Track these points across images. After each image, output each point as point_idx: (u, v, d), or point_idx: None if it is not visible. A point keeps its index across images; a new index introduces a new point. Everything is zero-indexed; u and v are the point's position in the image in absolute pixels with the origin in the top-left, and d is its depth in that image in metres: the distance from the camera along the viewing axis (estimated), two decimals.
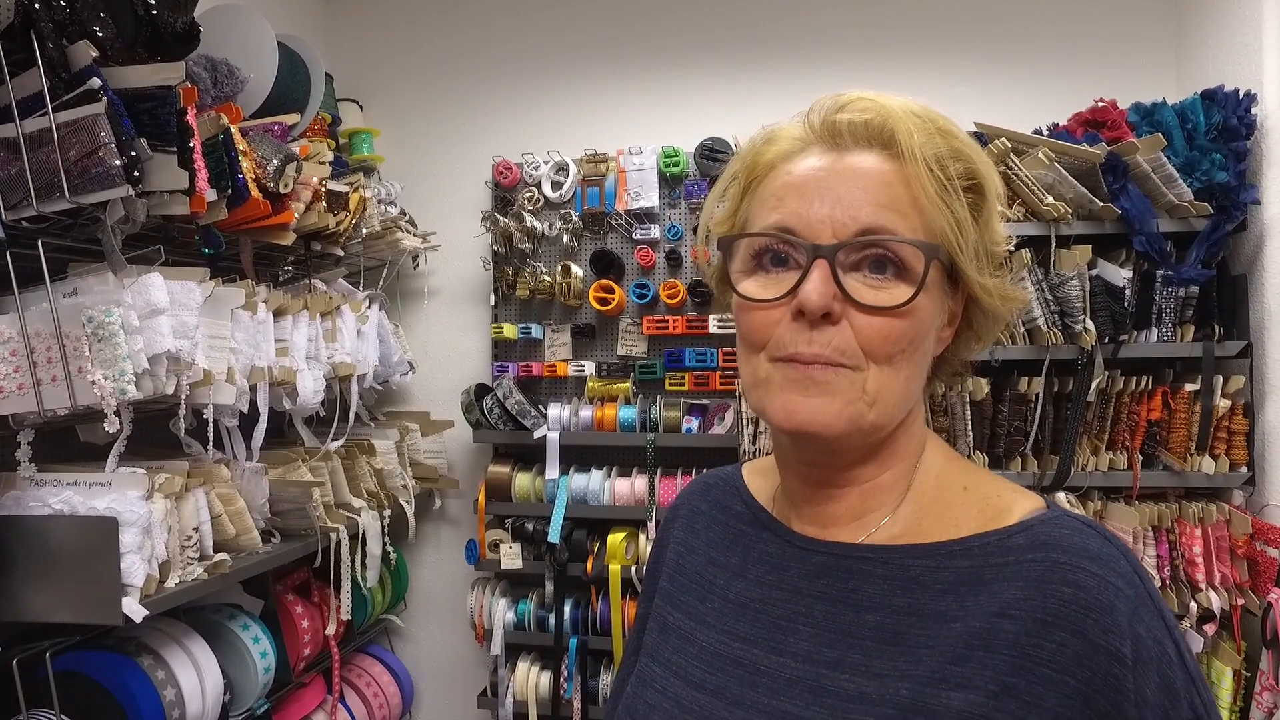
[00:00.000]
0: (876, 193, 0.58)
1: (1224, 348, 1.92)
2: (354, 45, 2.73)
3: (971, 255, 0.61)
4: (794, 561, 0.66)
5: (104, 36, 1.36)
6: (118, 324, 1.34)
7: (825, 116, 0.62)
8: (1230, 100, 1.91)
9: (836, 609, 0.62)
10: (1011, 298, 0.64)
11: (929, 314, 0.60)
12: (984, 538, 0.60)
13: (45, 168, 1.29)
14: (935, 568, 0.60)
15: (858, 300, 0.57)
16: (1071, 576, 0.55)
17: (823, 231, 0.58)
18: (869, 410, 0.59)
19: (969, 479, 0.66)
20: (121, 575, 1.38)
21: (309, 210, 1.91)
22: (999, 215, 0.64)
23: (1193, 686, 0.54)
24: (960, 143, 0.61)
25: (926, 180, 0.58)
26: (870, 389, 0.58)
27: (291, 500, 1.89)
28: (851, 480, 0.65)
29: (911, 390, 0.62)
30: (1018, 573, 0.57)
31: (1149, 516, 1.90)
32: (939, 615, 0.58)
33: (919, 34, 2.43)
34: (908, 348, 0.59)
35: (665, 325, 2.39)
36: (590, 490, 2.34)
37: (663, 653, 0.70)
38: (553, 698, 2.36)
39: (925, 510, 0.64)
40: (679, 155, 2.41)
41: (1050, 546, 0.57)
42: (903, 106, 0.60)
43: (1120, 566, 0.56)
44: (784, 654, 0.62)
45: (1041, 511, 0.61)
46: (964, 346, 0.68)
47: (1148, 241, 1.89)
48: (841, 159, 0.60)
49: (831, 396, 0.58)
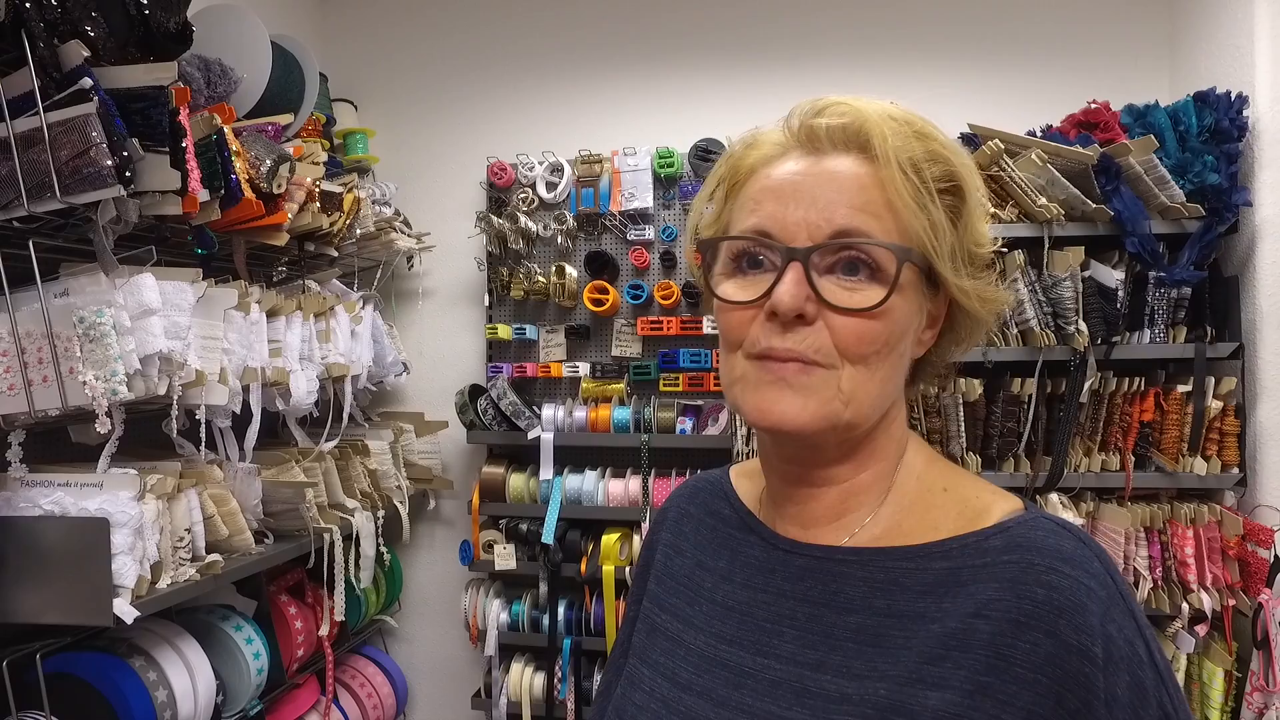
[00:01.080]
0: (851, 196, 0.59)
1: (1216, 349, 1.92)
2: (348, 45, 2.73)
3: (948, 257, 0.61)
4: (779, 565, 0.67)
5: (96, 36, 1.36)
6: (109, 324, 1.34)
7: (803, 121, 0.62)
8: (1222, 102, 1.91)
9: (819, 611, 0.62)
10: (991, 299, 0.64)
11: (905, 315, 0.61)
12: (962, 540, 0.60)
13: (36, 167, 1.28)
14: (914, 569, 0.61)
15: (830, 302, 0.58)
16: (1045, 578, 0.56)
17: (798, 234, 0.59)
18: (844, 409, 0.59)
19: (949, 480, 0.66)
20: (113, 576, 1.38)
21: (303, 211, 1.90)
22: (984, 216, 0.64)
23: (1162, 686, 0.55)
24: (938, 145, 0.61)
25: (901, 184, 0.58)
26: (845, 388, 0.59)
27: (285, 501, 1.89)
28: (830, 479, 0.65)
29: (888, 390, 0.62)
30: (994, 574, 0.57)
31: (1141, 517, 1.90)
32: (917, 616, 0.59)
33: (913, 35, 2.44)
34: (882, 348, 0.59)
35: (660, 326, 2.40)
36: (584, 491, 2.34)
37: (651, 654, 0.71)
38: (547, 698, 2.35)
39: (906, 511, 0.65)
40: (674, 156, 2.41)
41: (1025, 548, 0.57)
42: (880, 110, 0.61)
43: (1093, 568, 0.56)
44: (769, 656, 0.63)
45: (1019, 514, 0.61)
46: (946, 348, 0.68)
47: (1140, 243, 1.90)
48: (819, 163, 0.61)
49: (806, 395, 0.59)
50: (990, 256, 0.65)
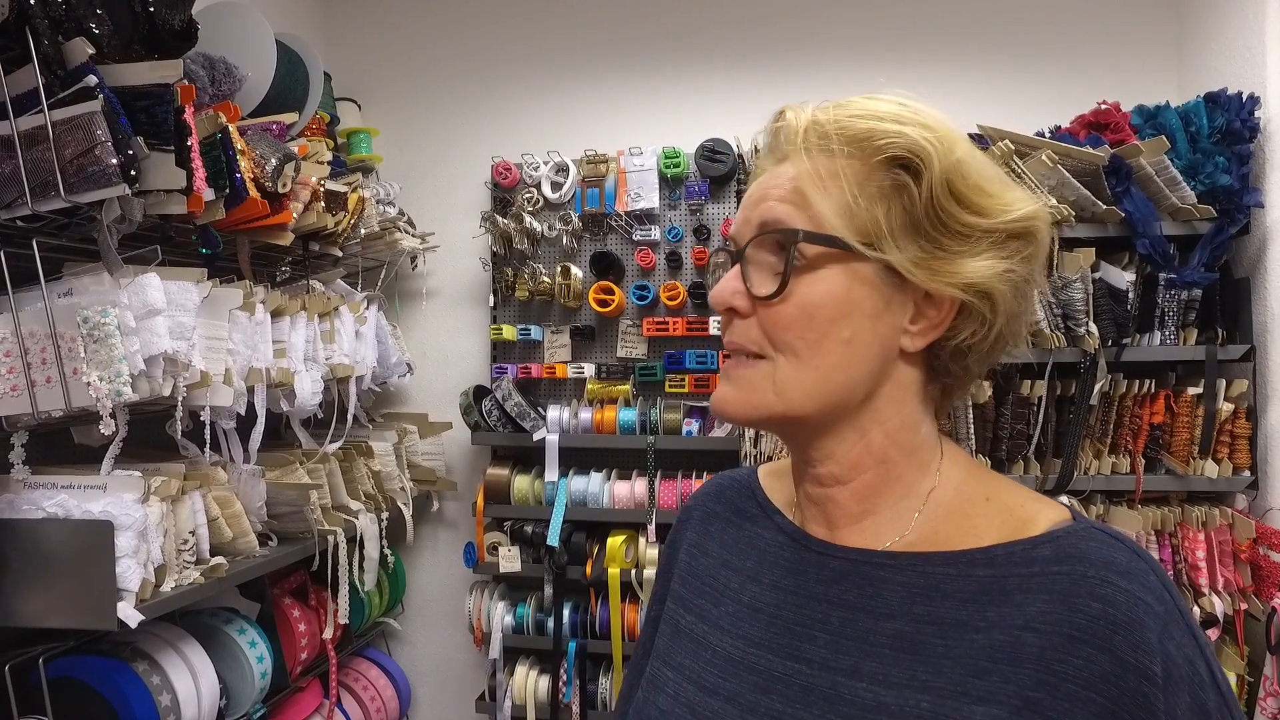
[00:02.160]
0: (779, 192, 0.62)
1: (1227, 351, 1.91)
2: (352, 44, 2.72)
3: (889, 235, 0.58)
4: (810, 566, 0.65)
5: (100, 33, 1.35)
6: (113, 324, 1.33)
7: (764, 136, 0.67)
8: (1234, 103, 1.90)
9: (854, 615, 0.61)
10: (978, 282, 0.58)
11: (831, 301, 0.59)
12: (1008, 547, 0.58)
13: (40, 166, 1.27)
14: (956, 575, 0.59)
15: (752, 293, 0.62)
16: (1099, 591, 0.54)
17: (742, 234, 0.64)
18: (775, 401, 0.61)
19: (991, 489, 0.64)
20: (116, 580, 1.36)
21: (307, 210, 1.89)
22: (977, 188, 0.59)
23: (1225, 709, 0.53)
24: (880, 125, 0.58)
25: (807, 173, 0.60)
26: (778, 379, 0.61)
27: (289, 503, 1.87)
28: (833, 478, 0.64)
29: (834, 381, 0.60)
30: (1043, 585, 0.55)
31: (1152, 520, 1.89)
32: (960, 625, 0.57)
33: (921, 36, 2.43)
34: (806, 335, 0.60)
35: (665, 327, 2.38)
36: (590, 493, 2.33)
37: (675, 657, 0.69)
38: (551, 702, 2.34)
39: (943, 519, 0.62)
40: (680, 156, 2.40)
41: (1077, 559, 0.55)
42: (815, 109, 0.63)
43: (1149, 582, 0.54)
44: (799, 660, 0.61)
45: (1067, 523, 0.59)
46: (977, 344, 0.62)
47: (1151, 244, 1.89)
48: (769, 171, 0.65)
49: (738, 387, 0.63)
50: (1009, 226, 0.59)
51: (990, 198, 0.59)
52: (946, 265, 0.59)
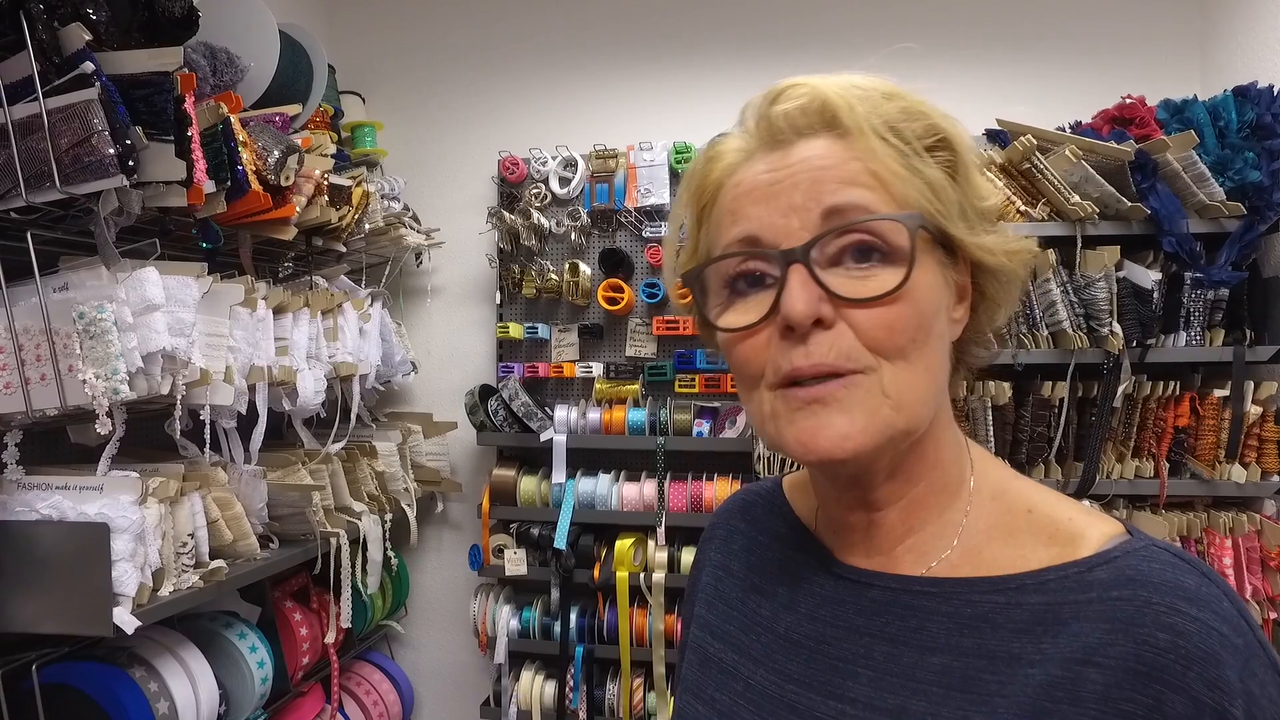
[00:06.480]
0: (836, 172, 0.53)
1: (1255, 352, 1.86)
2: (356, 36, 2.68)
3: (958, 216, 0.55)
4: (849, 595, 0.60)
5: (98, 19, 1.32)
6: (110, 321, 1.29)
7: (761, 114, 0.57)
8: (1264, 97, 1.85)
9: (898, 650, 0.55)
10: (1018, 250, 0.58)
11: (932, 292, 0.54)
12: (1060, 570, 0.53)
13: (35, 156, 1.24)
14: (1006, 604, 0.53)
15: (847, 296, 0.52)
16: (1167, 620, 0.48)
17: (789, 231, 0.53)
18: (895, 416, 0.52)
19: (1031, 499, 0.58)
20: (113, 584, 1.33)
21: (310, 204, 1.85)
22: (978, 169, 0.58)
23: None
24: (911, 102, 0.55)
25: (882, 151, 0.53)
26: (890, 391, 0.52)
27: (290, 504, 1.84)
28: (889, 499, 0.59)
29: (937, 382, 0.55)
30: (1101, 613, 0.50)
31: (1177, 526, 1.85)
32: (1012, 659, 0.51)
33: (939, 31, 2.38)
34: (917, 335, 0.53)
35: (675, 325, 2.34)
36: (598, 495, 2.29)
37: (706, 689, 0.64)
38: (558, 708, 2.30)
39: (986, 537, 0.57)
40: (691, 151, 2.35)
41: (1140, 583, 0.50)
42: (838, 81, 0.55)
43: (1223, 609, 0.49)
44: (842, 700, 0.56)
45: (1123, 539, 0.53)
46: (985, 320, 0.61)
47: (1177, 242, 1.83)
48: (788, 155, 0.55)
49: (851, 412, 0.52)
50: (998, 207, 0.59)
51: (979, 177, 0.58)
52: (989, 241, 0.57)
